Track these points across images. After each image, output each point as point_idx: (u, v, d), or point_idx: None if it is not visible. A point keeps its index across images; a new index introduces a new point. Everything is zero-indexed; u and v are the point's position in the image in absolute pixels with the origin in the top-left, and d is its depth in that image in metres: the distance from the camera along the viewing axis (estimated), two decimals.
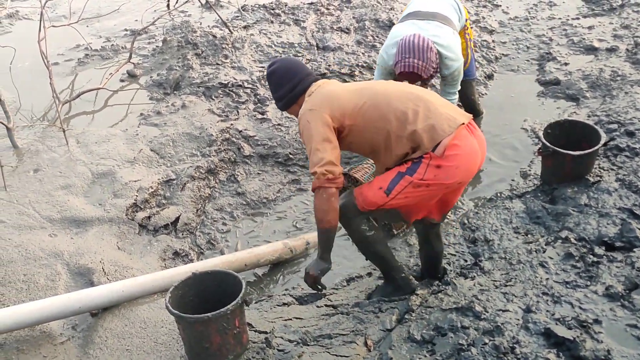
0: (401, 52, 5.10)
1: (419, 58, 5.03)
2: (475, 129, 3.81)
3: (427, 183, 3.63)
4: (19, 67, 8.42)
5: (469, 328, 3.52)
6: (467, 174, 3.73)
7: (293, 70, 3.93)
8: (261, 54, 7.90)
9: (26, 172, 6.10)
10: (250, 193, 5.77)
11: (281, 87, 3.94)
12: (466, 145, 3.65)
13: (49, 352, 4.16)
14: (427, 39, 5.10)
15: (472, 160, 3.70)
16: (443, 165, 3.60)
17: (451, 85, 5.54)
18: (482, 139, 3.84)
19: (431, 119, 3.62)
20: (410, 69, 5.04)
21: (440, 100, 3.80)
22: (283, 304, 4.35)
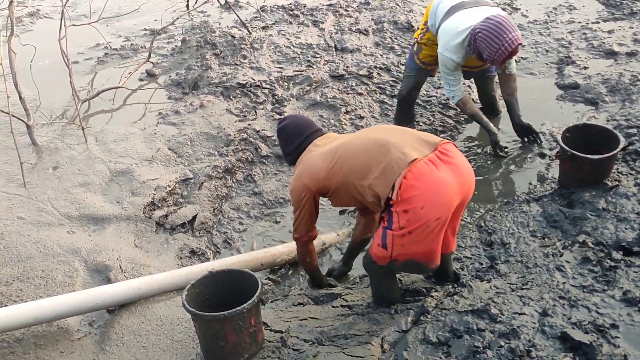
0: (495, 37, 5.12)
1: (513, 30, 5.18)
2: (449, 156, 3.70)
3: (408, 230, 3.62)
4: (39, 65, 8.48)
5: (485, 330, 3.51)
6: (443, 208, 3.62)
7: (300, 128, 4.25)
8: (279, 54, 7.92)
9: (45, 170, 6.16)
10: (267, 193, 5.78)
11: (290, 144, 4.26)
12: (427, 182, 3.57)
13: (66, 347, 4.20)
14: (499, 14, 5.16)
15: (441, 194, 3.59)
16: (408, 208, 3.57)
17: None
18: (460, 165, 3.73)
19: (382, 163, 3.67)
20: (517, 42, 5.17)
21: (401, 139, 3.77)
22: (299, 303, 4.36)
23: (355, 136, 4.06)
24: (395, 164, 3.61)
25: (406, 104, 6.46)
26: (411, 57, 6.25)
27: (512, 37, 5.12)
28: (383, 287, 4.08)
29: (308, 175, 4.01)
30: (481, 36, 5.18)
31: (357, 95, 6.95)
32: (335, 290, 4.49)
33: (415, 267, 3.88)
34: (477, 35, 5.21)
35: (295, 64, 7.67)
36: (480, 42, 5.22)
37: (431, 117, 6.59)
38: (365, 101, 6.87)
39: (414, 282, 4.31)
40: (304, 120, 4.37)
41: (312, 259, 4.42)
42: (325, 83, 7.19)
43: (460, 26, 5.34)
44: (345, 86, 7.09)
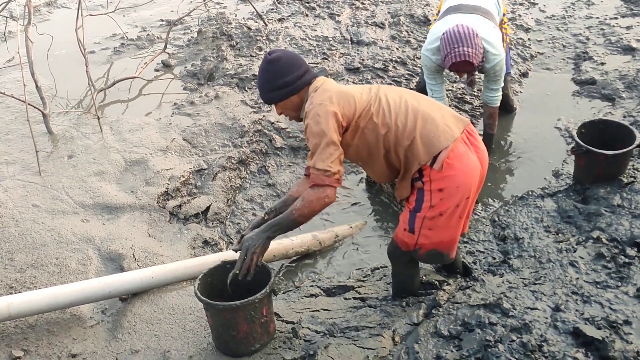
0: (448, 43, 5.10)
1: (467, 45, 5.05)
2: (475, 139, 3.73)
3: (439, 211, 3.62)
4: (56, 54, 8.52)
5: (497, 325, 3.51)
6: (470, 189, 3.64)
7: (298, 60, 3.73)
8: (295, 46, 7.91)
9: (60, 158, 6.19)
10: (280, 185, 5.78)
11: (286, 75, 3.66)
12: (464, 164, 3.59)
13: (79, 334, 4.22)
14: (469, 26, 5.12)
15: (472, 177, 3.63)
16: (444, 187, 3.57)
17: (494, 81, 5.56)
18: (483, 150, 3.77)
19: (428, 130, 3.57)
20: (462, 58, 5.06)
21: (437, 109, 3.70)
22: (311, 295, 4.36)
23: (388, 90, 3.76)
24: (442, 135, 3.55)
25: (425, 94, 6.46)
26: None
27: (460, 51, 5.07)
28: (406, 276, 4.06)
29: (341, 99, 3.59)
30: (443, 37, 5.22)
31: None
32: (348, 282, 4.49)
33: (437, 257, 3.85)
34: (442, 35, 5.25)
35: (311, 56, 7.66)
36: (441, 43, 5.25)
37: None
38: None
39: (426, 275, 4.31)
40: (297, 55, 3.81)
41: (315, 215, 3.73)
42: (340, 76, 7.17)
43: (442, 30, 5.33)
44: (360, 79, 7.07)
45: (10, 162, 6.18)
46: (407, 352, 3.53)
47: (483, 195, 5.37)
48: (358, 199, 5.58)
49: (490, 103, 5.69)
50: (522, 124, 6.40)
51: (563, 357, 3.21)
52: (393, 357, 3.56)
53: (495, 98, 5.65)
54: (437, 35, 5.34)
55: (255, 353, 3.78)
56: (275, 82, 3.68)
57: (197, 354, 3.90)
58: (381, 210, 5.41)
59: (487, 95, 5.68)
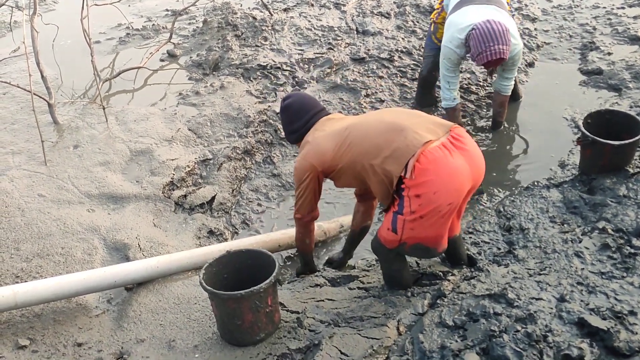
0: (483, 41, 5.12)
1: (502, 42, 5.09)
2: (462, 142, 3.69)
3: (419, 215, 3.63)
4: (61, 44, 8.52)
5: (502, 315, 3.50)
6: (455, 194, 3.63)
7: (306, 106, 4.20)
8: (300, 36, 7.89)
9: (66, 148, 6.20)
10: (285, 175, 5.78)
11: (294, 123, 4.20)
12: (440, 168, 3.57)
13: (84, 323, 4.24)
14: (500, 21, 5.13)
15: (453, 180, 3.61)
16: (420, 193, 3.58)
17: (510, 70, 5.62)
18: (473, 151, 3.74)
19: (396, 142, 3.65)
20: (499, 56, 5.12)
21: (412, 120, 3.77)
22: (315, 285, 4.36)
23: (367, 118, 4.04)
24: (410, 143, 3.60)
25: (427, 84, 6.45)
26: (429, 37, 6.27)
27: (497, 49, 5.13)
28: (393, 269, 4.07)
29: (315, 154, 3.98)
30: (474, 34, 5.23)
31: (378, 78, 6.92)
32: (352, 272, 4.49)
33: (423, 251, 3.88)
34: (472, 31, 5.26)
35: (316, 47, 7.65)
36: (471, 39, 5.27)
37: None
38: (385, 84, 6.84)
39: (430, 265, 4.31)
40: (309, 99, 4.32)
41: (310, 241, 4.39)
42: (345, 66, 7.16)
43: (464, 22, 5.34)
44: (365, 69, 7.06)
45: (16, 152, 6.19)
46: (412, 342, 3.52)
47: (488, 186, 5.37)
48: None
49: (503, 91, 5.71)
50: (528, 114, 6.38)
51: (568, 347, 3.20)
52: (397, 347, 3.55)
53: (509, 87, 5.70)
54: (461, 26, 5.33)
55: (260, 342, 3.79)
56: (288, 128, 4.29)
57: (202, 343, 3.91)
58: None
59: (501, 84, 5.70)
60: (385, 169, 3.66)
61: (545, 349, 3.23)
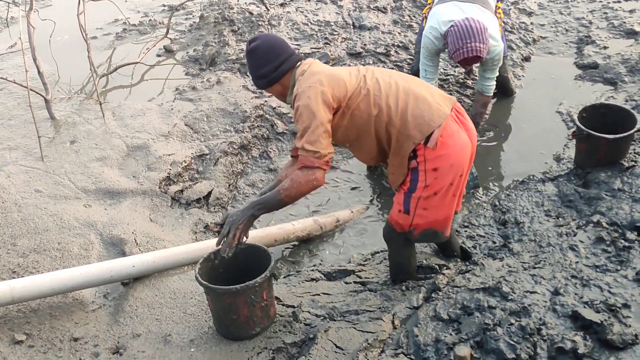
0: (460, 38, 5.11)
1: (479, 41, 5.08)
2: (464, 117, 3.77)
3: (433, 190, 3.67)
4: (58, 40, 8.51)
5: (496, 308, 3.51)
6: (463, 168, 3.71)
7: (277, 48, 3.76)
8: (297, 31, 7.89)
9: (63, 143, 6.20)
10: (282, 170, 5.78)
11: (264, 65, 3.74)
12: (456, 142, 3.64)
13: (81, 318, 4.25)
14: (479, 20, 5.13)
15: (464, 155, 3.70)
16: (438, 166, 3.62)
17: (490, 70, 5.57)
18: (472, 128, 3.82)
19: (420, 109, 3.60)
20: (474, 53, 5.10)
21: (426, 89, 3.75)
22: (311, 279, 4.38)
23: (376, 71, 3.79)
24: (435, 113, 3.60)
25: None
26: (420, 32, 6.26)
27: (472, 46, 5.12)
28: (403, 257, 4.09)
29: (331, 81, 3.60)
30: (453, 30, 5.24)
31: None
32: (349, 266, 4.51)
33: (432, 236, 3.91)
34: (451, 28, 5.27)
35: (313, 41, 7.64)
36: (449, 36, 5.28)
37: None
38: None
39: (426, 259, 4.33)
40: (279, 40, 3.85)
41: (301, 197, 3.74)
42: (342, 60, 7.15)
43: (446, 17, 5.35)
44: (362, 64, 7.05)
45: (12, 148, 6.19)
46: (407, 336, 3.54)
47: (484, 180, 5.38)
48: (359, 184, 5.59)
49: (486, 92, 5.69)
50: (523, 108, 6.39)
51: (561, 340, 3.22)
52: (392, 340, 3.58)
53: (491, 87, 5.67)
54: (442, 19, 5.33)
55: (255, 337, 3.81)
56: (256, 72, 3.80)
57: (198, 337, 3.92)
58: (382, 195, 5.42)
59: (483, 84, 5.68)
60: (404, 133, 3.59)
61: (539, 342, 3.25)
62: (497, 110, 6.34)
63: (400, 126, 3.60)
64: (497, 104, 6.49)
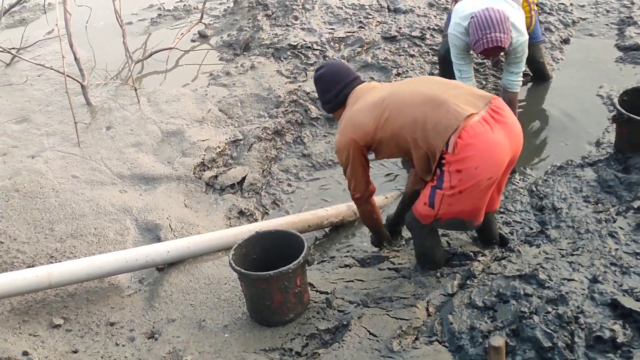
0: (480, 28, 5.00)
1: (500, 31, 4.95)
2: (501, 115, 3.67)
3: (458, 190, 3.62)
4: (94, 26, 8.58)
5: (532, 296, 3.45)
6: (495, 169, 3.63)
7: (339, 75, 4.10)
8: (331, 15, 7.83)
9: (99, 129, 6.25)
10: (316, 155, 5.77)
11: (328, 92, 4.12)
12: (482, 143, 3.56)
13: (117, 303, 4.29)
14: (500, 9, 5.01)
15: (494, 156, 3.59)
16: (461, 168, 3.57)
17: (515, 64, 5.42)
18: (512, 124, 3.72)
19: (437, 116, 3.60)
20: (495, 44, 4.96)
21: (451, 92, 3.72)
22: (345, 265, 4.36)
23: (403, 87, 3.95)
24: (452, 117, 3.56)
25: (446, 63, 6.34)
26: (449, 16, 6.12)
27: (493, 37, 4.96)
28: (426, 245, 4.06)
29: (353, 129, 3.88)
30: (473, 22, 5.10)
31: (409, 57, 6.85)
32: (382, 252, 4.48)
33: (459, 224, 3.89)
34: (472, 19, 5.13)
35: (347, 25, 7.59)
36: (470, 27, 5.15)
37: (484, 81, 6.45)
38: (417, 63, 6.77)
39: (461, 245, 4.27)
40: (342, 67, 4.21)
41: (377, 214, 4.33)
42: (376, 44, 7.10)
43: (467, 10, 5.23)
44: (397, 48, 6.99)
45: (50, 134, 6.27)
46: (441, 323, 3.51)
47: (521, 165, 5.29)
48: (392, 170, 5.54)
49: (510, 87, 5.52)
50: (562, 92, 6.27)
51: (600, 328, 3.16)
52: (427, 327, 3.54)
53: (516, 83, 5.49)
54: (464, 14, 5.23)
55: (289, 323, 3.81)
56: (322, 98, 4.22)
57: (232, 323, 3.93)
58: None
59: (508, 80, 5.52)
60: (429, 142, 3.61)
61: (577, 330, 3.19)
62: (534, 94, 6.23)
63: (423, 138, 3.63)
64: (534, 88, 6.38)
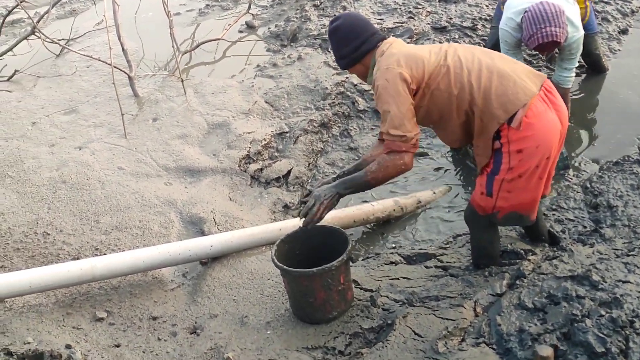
0: (534, 23, 4.86)
1: (555, 25, 4.81)
2: (554, 96, 3.58)
3: (518, 172, 3.52)
4: (142, 17, 8.62)
5: (585, 298, 3.33)
6: (551, 149, 3.52)
7: (358, 27, 3.73)
8: (380, 5, 7.73)
9: (145, 121, 6.26)
10: (363, 148, 5.68)
11: (345, 46, 3.73)
12: (543, 123, 3.46)
13: (160, 297, 4.28)
14: (554, 4, 4.85)
15: (552, 136, 3.50)
16: (523, 148, 3.46)
17: (569, 60, 5.28)
18: (562, 107, 3.61)
19: (504, 87, 3.45)
20: (551, 38, 4.82)
21: (512, 65, 3.58)
22: (390, 262, 4.27)
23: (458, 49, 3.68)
24: (520, 91, 3.45)
25: None
26: (498, 7, 5.98)
27: (548, 31, 4.81)
28: (485, 239, 3.95)
29: (409, 61, 3.53)
30: (527, 16, 4.96)
31: None
32: (429, 249, 4.38)
33: (516, 219, 3.78)
34: (525, 14, 4.99)
35: (396, 15, 7.47)
36: (524, 22, 5.01)
37: None
38: None
39: (511, 243, 4.16)
40: (360, 19, 3.81)
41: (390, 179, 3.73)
42: (426, 35, 6.97)
43: (520, 5, 5.09)
44: (447, 38, 6.85)
45: (97, 125, 6.30)
46: (489, 324, 3.40)
47: (575, 160, 5.14)
48: (442, 164, 5.42)
49: (563, 83, 5.36)
50: (619, 84, 6.09)
51: None
52: (474, 329, 3.44)
53: (569, 78, 5.34)
54: (517, 9, 5.10)
55: (332, 321, 3.75)
56: (337, 53, 3.80)
57: (274, 319, 3.89)
58: (466, 175, 5.25)
59: (560, 75, 5.37)
60: (489, 112, 3.45)
61: (632, 335, 3.06)
62: (589, 87, 6.05)
63: (483, 105, 3.46)
64: (589, 80, 6.20)
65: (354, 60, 3.75)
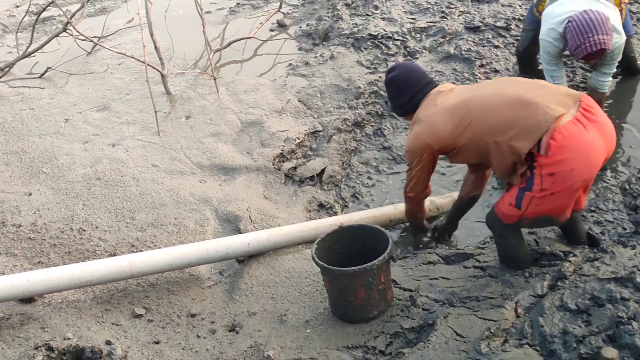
0: (580, 32, 4.80)
1: (602, 32, 4.76)
2: (593, 113, 3.52)
3: (550, 192, 3.51)
4: (174, 15, 8.65)
5: (629, 300, 3.29)
6: (591, 170, 3.52)
7: (413, 78, 4.02)
8: (412, 5, 7.70)
9: (178, 119, 6.28)
10: (396, 148, 5.66)
11: (401, 96, 4.05)
12: (577, 144, 3.43)
13: (197, 294, 4.29)
14: (598, 11, 4.80)
15: (590, 157, 3.47)
16: (555, 171, 3.45)
17: (608, 65, 5.22)
18: (605, 123, 3.56)
19: (525, 117, 3.49)
20: (599, 47, 4.77)
21: (538, 91, 3.60)
22: (429, 262, 4.25)
23: (484, 91, 3.84)
24: (541, 118, 3.45)
25: (525, 61, 6.16)
26: (530, 9, 5.91)
27: (596, 40, 4.75)
28: (509, 244, 3.93)
29: (431, 133, 3.81)
30: (571, 26, 4.89)
31: (493, 47, 6.66)
32: (467, 249, 4.35)
33: (545, 221, 3.80)
34: (569, 24, 4.92)
35: (429, 15, 7.44)
36: (568, 32, 4.93)
37: (571, 74, 6.21)
38: (501, 54, 6.57)
39: (550, 245, 4.11)
40: (415, 70, 4.13)
41: (422, 214, 4.44)
42: (459, 35, 6.93)
43: (561, 15, 5.02)
44: (480, 38, 6.81)
45: (130, 122, 6.33)
46: (532, 326, 3.38)
47: (613, 162, 5.08)
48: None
49: (600, 88, 5.31)
50: None
51: None
52: (516, 330, 3.41)
53: (606, 83, 5.29)
54: (558, 19, 5.04)
55: (372, 320, 3.74)
56: (394, 102, 4.18)
57: (313, 318, 3.88)
58: None
59: (598, 80, 5.30)
60: (512, 145, 3.51)
61: None
62: (625, 88, 5.98)
63: (508, 139, 3.53)
64: (625, 82, 6.12)
65: (409, 110, 4.06)
